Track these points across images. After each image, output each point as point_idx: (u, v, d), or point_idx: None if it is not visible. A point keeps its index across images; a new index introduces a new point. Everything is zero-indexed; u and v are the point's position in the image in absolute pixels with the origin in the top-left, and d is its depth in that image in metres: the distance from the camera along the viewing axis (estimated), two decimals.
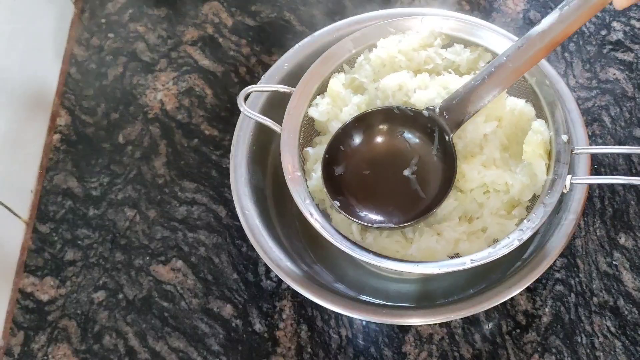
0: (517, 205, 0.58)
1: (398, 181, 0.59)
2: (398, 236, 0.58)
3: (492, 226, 0.57)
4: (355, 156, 0.60)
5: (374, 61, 0.63)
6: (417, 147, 0.60)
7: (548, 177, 0.56)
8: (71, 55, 0.87)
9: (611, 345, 0.65)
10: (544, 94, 0.59)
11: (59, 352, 0.69)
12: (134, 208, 0.76)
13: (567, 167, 0.55)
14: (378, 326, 0.68)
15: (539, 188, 0.57)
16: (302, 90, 0.62)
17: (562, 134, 0.57)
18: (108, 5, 0.91)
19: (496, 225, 0.57)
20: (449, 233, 0.57)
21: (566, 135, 0.57)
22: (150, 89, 0.84)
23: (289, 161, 0.59)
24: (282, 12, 0.88)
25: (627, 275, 0.69)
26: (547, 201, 0.55)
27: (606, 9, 0.85)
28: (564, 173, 0.55)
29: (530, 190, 0.57)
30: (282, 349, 0.68)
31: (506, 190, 0.58)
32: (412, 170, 0.60)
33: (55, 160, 0.80)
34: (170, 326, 0.70)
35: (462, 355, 0.66)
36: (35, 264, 0.74)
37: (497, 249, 0.54)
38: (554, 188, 0.55)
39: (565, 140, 0.57)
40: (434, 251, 0.57)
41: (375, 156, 0.61)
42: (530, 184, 0.57)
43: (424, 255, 0.57)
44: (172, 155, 0.79)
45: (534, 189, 0.57)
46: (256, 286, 0.71)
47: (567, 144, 0.56)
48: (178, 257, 0.73)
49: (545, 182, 0.56)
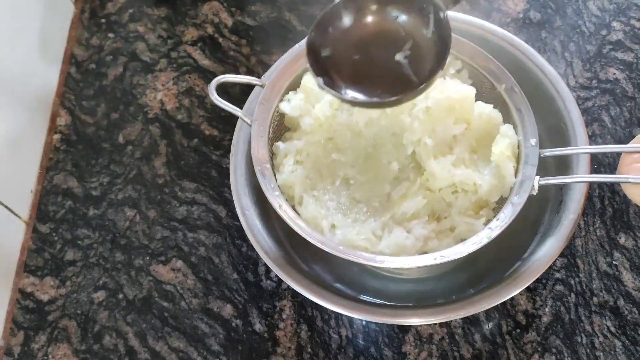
0: (484, 207, 0.59)
1: (389, 65, 0.57)
2: (367, 233, 0.58)
3: (460, 225, 0.58)
4: (343, 39, 0.57)
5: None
6: (411, 29, 0.57)
7: (517, 178, 0.57)
8: (71, 55, 0.87)
9: (611, 345, 0.65)
10: (512, 100, 0.60)
11: (59, 352, 0.69)
12: (134, 208, 0.76)
13: (535, 169, 0.56)
14: (378, 326, 0.68)
15: (506, 190, 0.58)
16: (274, 83, 0.62)
17: (530, 139, 0.58)
18: (108, 5, 0.91)
19: (464, 224, 0.58)
20: (418, 230, 0.58)
21: (535, 139, 0.58)
22: (150, 89, 0.84)
23: (259, 153, 0.59)
24: (282, 12, 0.88)
25: (627, 275, 0.69)
26: (516, 201, 0.56)
27: (606, 8, 0.85)
28: (532, 174, 0.56)
29: (498, 191, 0.58)
30: (282, 349, 0.68)
31: (474, 191, 0.58)
32: (404, 55, 0.57)
33: (55, 160, 0.80)
34: (170, 326, 0.70)
35: (462, 355, 0.66)
36: (35, 264, 0.74)
37: (467, 246, 0.55)
38: (522, 188, 0.56)
39: (533, 143, 0.58)
40: (403, 248, 0.57)
41: (366, 39, 0.58)
42: (499, 185, 0.58)
43: (393, 252, 0.57)
44: (172, 155, 0.79)
45: (502, 191, 0.58)
46: (256, 286, 0.71)
47: (535, 147, 0.58)
48: (178, 257, 0.73)
49: (514, 184, 0.57)
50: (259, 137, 0.60)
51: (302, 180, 0.60)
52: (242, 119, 0.61)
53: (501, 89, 0.61)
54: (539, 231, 0.63)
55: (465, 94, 0.60)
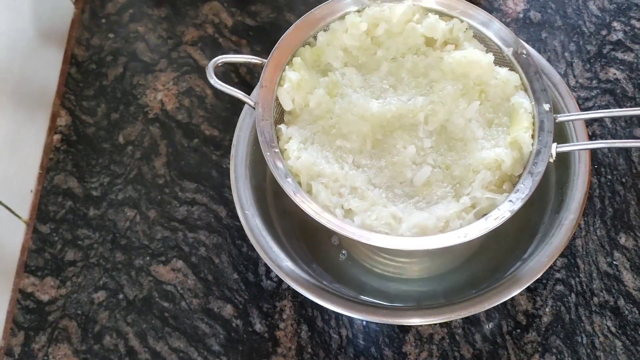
0: (506, 180, 0.58)
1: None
2: (387, 218, 0.57)
3: (481, 202, 0.57)
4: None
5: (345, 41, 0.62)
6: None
7: (533, 147, 0.57)
8: (71, 56, 0.87)
9: (611, 345, 0.65)
10: (521, 64, 0.60)
11: (59, 353, 0.69)
12: (134, 208, 0.76)
13: (552, 136, 0.56)
14: (378, 326, 0.68)
15: (526, 161, 0.57)
16: (275, 62, 0.61)
17: (543, 103, 0.57)
18: (108, 5, 0.91)
19: (486, 200, 0.57)
20: (439, 211, 0.57)
21: (548, 104, 0.57)
22: (150, 89, 0.84)
23: (266, 137, 0.58)
24: (282, 12, 0.88)
25: (627, 275, 0.69)
26: (535, 170, 0.55)
27: (606, 8, 0.85)
28: (549, 142, 0.56)
29: (520, 164, 0.57)
30: (282, 349, 0.68)
31: (498, 166, 0.58)
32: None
33: (56, 161, 0.80)
34: (170, 326, 0.70)
35: (462, 355, 0.66)
36: (35, 264, 0.74)
37: (489, 222, 0.54)
38: (540, 157, 0.55)
39: (547, 109, 0.57)
40: (424, 229, 0.56)
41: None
42: (520, 158, 0.57)
43: (415, 235, 0.56)
44: (172, 156, 0.79)
45: (523, 163, 0.57)
46: (256, 286, 0.71)
47: (549, 113, 0.57)
48: (178, 257, 0.73)
49: (530, 153, 0.56)
50: (264, 121, 0.58)
51: (308, 167, 0.58)
52: (246, 101, 0.59)
53: (509, 53, 0.60)
54: (539, 231, 0.63)
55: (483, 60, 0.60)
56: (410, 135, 0.61)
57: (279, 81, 0.61)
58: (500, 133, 0.59)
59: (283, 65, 0.61)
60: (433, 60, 0.63)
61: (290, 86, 0.60)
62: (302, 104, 0.61)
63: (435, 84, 0.62)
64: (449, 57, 0.62)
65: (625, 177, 0.73)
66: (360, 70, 0.64)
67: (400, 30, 0.63)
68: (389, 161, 0.60)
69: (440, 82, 0.62)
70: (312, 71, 0.63)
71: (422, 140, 0.61)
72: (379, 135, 0.61)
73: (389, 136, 0.61)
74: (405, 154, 0.60)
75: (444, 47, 0.63)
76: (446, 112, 0.61)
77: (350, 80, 0.62)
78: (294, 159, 0.58)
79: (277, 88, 0.61)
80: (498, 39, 0.61)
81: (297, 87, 0.61)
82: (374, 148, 0.61)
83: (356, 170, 0.60)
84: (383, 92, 0.63)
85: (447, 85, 0.61)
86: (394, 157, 0.60)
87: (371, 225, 0.56)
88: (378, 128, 0.61)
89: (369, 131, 0.61)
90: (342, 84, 0.62)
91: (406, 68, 0.63)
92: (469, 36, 0.63)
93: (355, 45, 0.63)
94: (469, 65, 0.61)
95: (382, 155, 0.61)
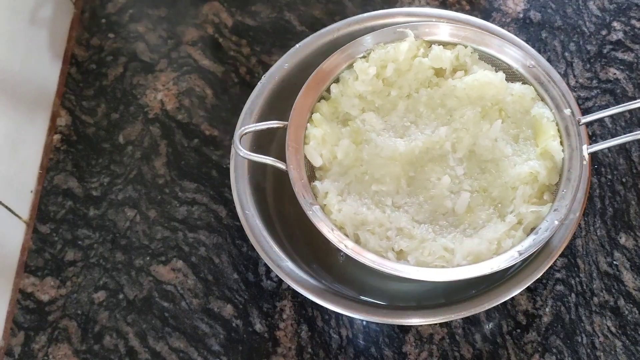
0: (545, 191, 0.58)
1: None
2: (440, 252, 0.57)
3: (527, 216, 0.57)
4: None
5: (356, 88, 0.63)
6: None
7: (564, 153, 0.57)
8: (71, 56, 0.87)
9: (612, 345, 0.65)
10: (532, 75, 0.60)
11: (59, 353, 0.69)
12: (134, 208, 0.76)
13: (580, 138, 0.56)
14: (378, 326, 0.68)
15: (561, 168, 0.58)
16: (295, 122, 0.61)
17: (564, 109, 0.58)
18: (108, 5, 0.91)
19: (530, 214, 0.57)
20: (488, 234, 0.57)
21: (568, 109, 0.58)
22: (150, 89, 0.84)
23: (306, 196, 0.58)
24: (282, 12, 0.88)
25: (627, 275, 0.69)
26: (572, 176, 0.56)
27: (606, 8, 0.85)
28: (578, 145, 0.56)
29: (555, 172, 0.58)
30: (282, 349, 0.68)
31: (534, 179, 0.58)
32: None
33: (56, 161, 0.80)
34: (170, 326, 0.70)
35: (462, 355, 0.66)
36: (35, 264, 0.74)
37: (539, 235, 0.54)
38: (572, 162, 0.56)
39: (568, 113, 0.58)
40: (479, 255, 0.56)
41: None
42: (554, 166, 0.58)
43: (471, 262, 0.56)
44: (172, 156, 0.79)
45: (558, 170, 0.58)
46: (256, 286, 0.71)
47: (572, 117, 0.58)
48: (178, 257, 0.73)
49: (563, 160, 0.57)
50: (299, 181, 0.59)
51: (351, 217, 0.58)
52: (279, 167, 0.60)
53: (519, 67, 0.61)
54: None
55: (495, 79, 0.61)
56: (442, 166, 0.62)
57: (304, 140, 0.61)
58: (529, 146, 0.60)
59: (304, 123, 0.62)
60: (447, 90, 0.63)
61: (316, 142, 0.61)
62: (331, 157, 0.62)
63: (455, 112, 0.63)
64: (461, 83, 0.62)
65: (625, 177, 0.73)
66: (378, 113, 0.64)
67: (409, 67, 0.64)
68: (427, 195, 0.61)
69: (458, 109, 0.63)
70: (332, 124, 0.63)
71: (454, 169, 0.61)
72: (412, 172, 0.62)
73: (421, 171, 0.62)
74: (441, 185, 0.61)
75: (454, 75, 0.64)
76: (471, 136, 0.61)
77: (372, 125, 0.63)
78: (335, 212, 0.58)
79: (304, 147, 0.61)
80: (505, 56, 0.62)
81: (323, 142, 0.61)
82: (410, 186, 0.62)
83: (398, 211, 0.60)
84: (406, 130, 0.63)
85: (466, 110, 0.62)
86: (431, 191, 0.61)
87: (426, 262, 0.56)
88: (409, 166, 0.62)
89: (401, 170, 0.61)
90: (364, 130, 0.63)
91: (422, 102, 0.64)
92: (476, 59, 0.64)
93: (369, 90, 0.64)
94: (482, 87, 0.61)
95: (419, 191, 0.61)
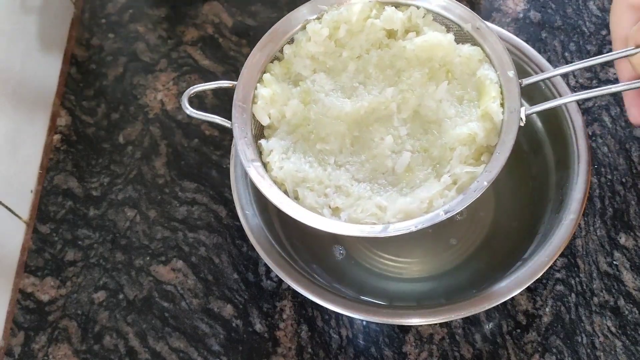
0: (484, 152, 0.59)
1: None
2: (372, 209, 0.58)
3: (462, 176, 0.57)
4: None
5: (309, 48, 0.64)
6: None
7: (504, 115, 0.57)
8: (71, 56, 0.87)
9: (612, 345, 0.65)
10: (480, 36, 0.61)
11: (59, 353, 0.69)
12: (134, 208, 0.76)
13: (519, 100, 0.57)
14: (378, 326, 0.68)
15: (500, 129, 0.58)
16: (245, 82, 0.62)
17: (507, 71, 0.58)
18: (108, 5, 0.91)
19: (465, 174, 0.57)
20: (421, 193, 0.57)
21: (512, 70, 0.58)
22: (150, 89, 0.84)
23: (247, 155, 0.60)
24: (282, 12, 0.88)
25: (627, 275, 0.69)
26: (508, 137, 0.56)
27: (606, 8, 0.85)
28: (517, 106, 0.56)
29: (495, 134, 0.58)
30: (282, 349, 0.68)
31: (472, 140, 0.58)
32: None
33: (56, 161, 0.80)
34: (170, 326, 0.70)
35: (462, 355, 0.66)
36: (35, 264, 0.74)
37: (468, 195, 0.54)
38: (510, 124, 0.56)
39: (511, 75, 0.58)
40: (409, 213, 0.56)
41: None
42: (493, 128, 0.58)
43: (401, 219, 0.56)
44: (172, 155, 0.79)
45: (497, 132, 0.58)
46: (256, 286, 0.71)
47: (513, 78, 0.58)
48: (178, 257, 0.73)
49: (502, 122, 0.57)
50: (242, 139, 0.60)
51: (292, 174, 0.59)
52: (223, 124, 0.61)
53: (468, 28, 0.61)
54: (539, 231, 0.63)
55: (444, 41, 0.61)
56: (386, 126, 0.62)
57: (253, 99, 0.62)
58: (472, 108, 0.60)
59: (254, 83, 0.63)
60: (397, 51, 0.64)
61: (264, 102, 0.62)
62: (279, 116, 0.63)
63: (403, 73, 0.63)
64: (410, 44, 0.62)
65: (625, 177, 0.73)
66: (329, 74, 0.65)
67: (361, 28, 0.64)
68: (369, 155, 0.61)
69: (407, 70, 0.63)
70: (283, 84, 0.64)
71: (398, 129, 0.62)
72: (356, 132, 0.62)
73: (365, 131, 0.62)
74: (384, 145, 0.61)
75: (406, 36, 0.64)
76: (417, 97, 0.62)
77: (321, 86, 0.64)
78: (276, 169, 0.59)
79: (252, 106, 0.62)
80: (456, 17, 0.62)
81: (271, 101, 0.62)
82: (353, 145, 0.62)
83: (339, 170, 0.61)
84: (354, 91, 0.64)
85: (414, 71, 0.62)
86: (374, 150, 0.61)
87: (358, 218, 0.57)
88: (354, 125, 0.62)
89: (346, 130, 0.62)
90: (314, 90, 0.63)
91: (372, 63, 0.64)
92: (429, 21, 0.64)
93: (321, 51, 0.64)
94: (432, 49, 0.62)
95: (362, 150, 0.62)
